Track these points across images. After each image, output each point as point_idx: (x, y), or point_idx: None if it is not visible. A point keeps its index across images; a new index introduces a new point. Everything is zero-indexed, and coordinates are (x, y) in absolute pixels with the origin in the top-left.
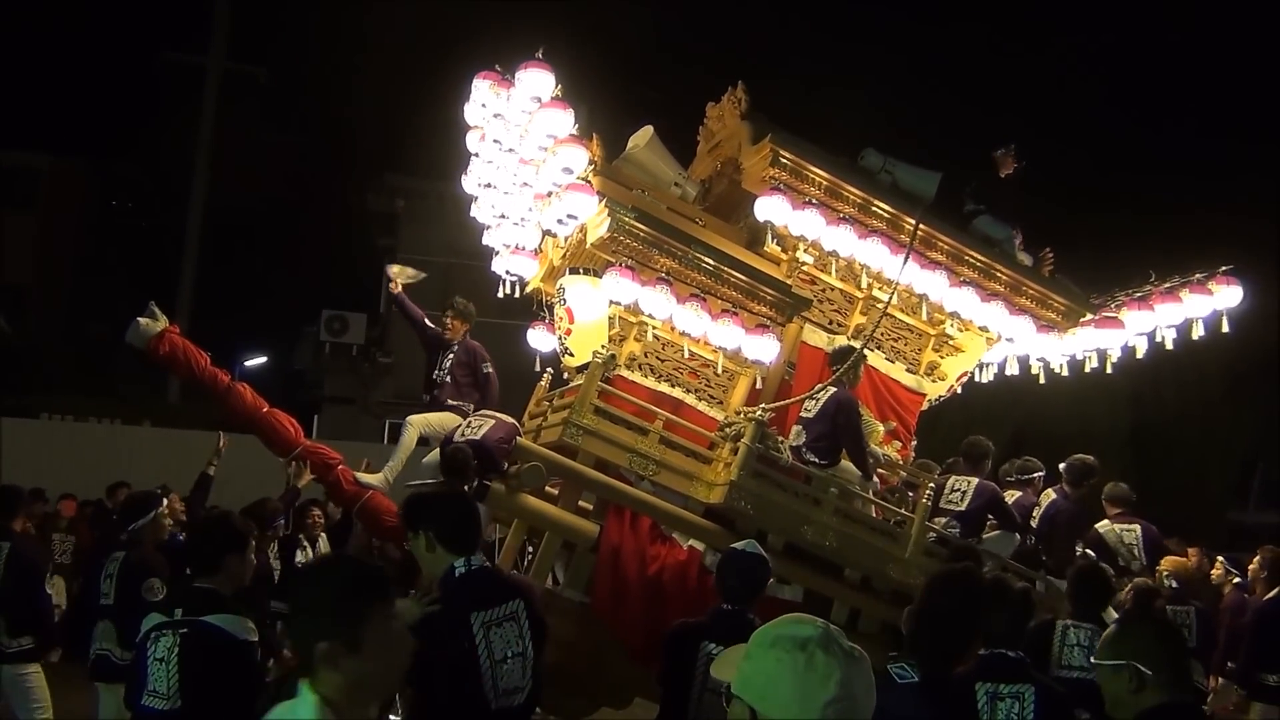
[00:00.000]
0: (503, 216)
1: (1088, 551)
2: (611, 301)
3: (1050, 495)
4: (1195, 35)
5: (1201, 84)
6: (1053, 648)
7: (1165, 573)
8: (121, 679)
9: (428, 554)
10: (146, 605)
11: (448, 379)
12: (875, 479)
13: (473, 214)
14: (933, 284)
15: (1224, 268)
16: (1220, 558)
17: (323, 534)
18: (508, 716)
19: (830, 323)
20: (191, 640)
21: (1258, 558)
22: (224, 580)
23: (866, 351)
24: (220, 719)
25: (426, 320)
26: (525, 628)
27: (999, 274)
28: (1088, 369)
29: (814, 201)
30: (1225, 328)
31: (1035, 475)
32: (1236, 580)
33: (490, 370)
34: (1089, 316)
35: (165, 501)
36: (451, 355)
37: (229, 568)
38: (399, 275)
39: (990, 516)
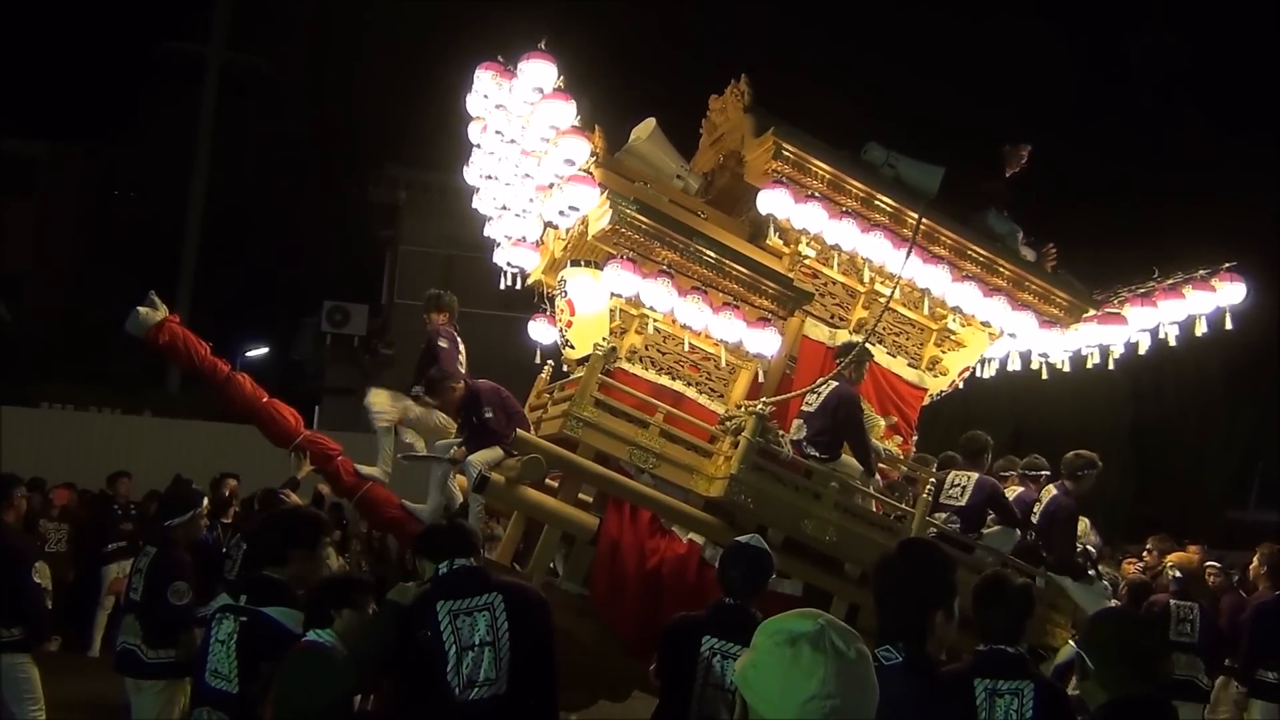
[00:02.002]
0: (504, 208)
1: (1088, 549)
2: (613, 294)
3: (1051, 491)
4: (1195, 25)
5: (1200, 75)
6: None
7: (1169, 564)
8: (149, 675)
9: (424, 568)
10: (172, 608)
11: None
12: (877, 474)
13: (474, 205)
14: (935, 279)
15: (1227, 264)
16: (1211, 563)
17: None
18: (475, 710)
19: (832, 317)
20: (249, 629)
21: (1257, 555)
22: (291, 573)
23: (869, 346)
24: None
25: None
26: (501, 622)
27: (1002, 269)
28: (1090, 365)
29: (816, 195)
30: (1228, 325)
31: (1040, 473)
32: (1236, 579)
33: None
34: (1092, 312)
35: (205, 502)
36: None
37: (295, 561)
38: None
39: (990, 512)
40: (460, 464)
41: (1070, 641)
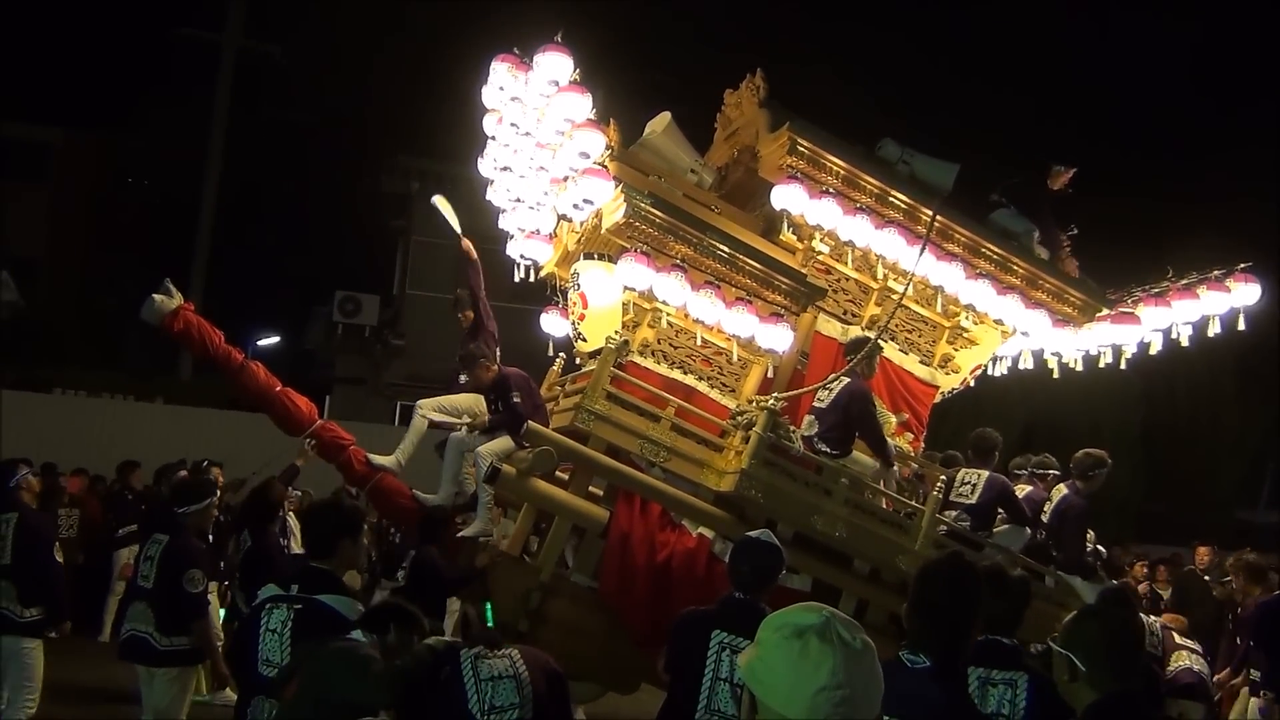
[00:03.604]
0: (518, 200)
1: (1098, 548)
2: (626, 287)
3: (1061, 490)
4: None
5: (1210, 60)
6: None
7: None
8: (162, 663)
9: None
10: (188, 596)
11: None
12: (896, 467)
13: (488, 197)
14: (949, 276)
15: (1242, 265)
16: (1221, 582)
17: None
18: None
19: (845, 313)
20: (304, 617)
21: (1233, 575)
22: (337, 563)
23: (881, 343)
24: None
25: (481, 300)
26: (520, 665)
27: (1015, 267)
28: (1102, 364)
29: (831, 191)
30: (1242, 325)
31: (1050, 472)
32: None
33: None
34: (1105, 312)
35: (218, 491)
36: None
37: (342, 551)
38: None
39: (1000, 510)
40: (477, 432)
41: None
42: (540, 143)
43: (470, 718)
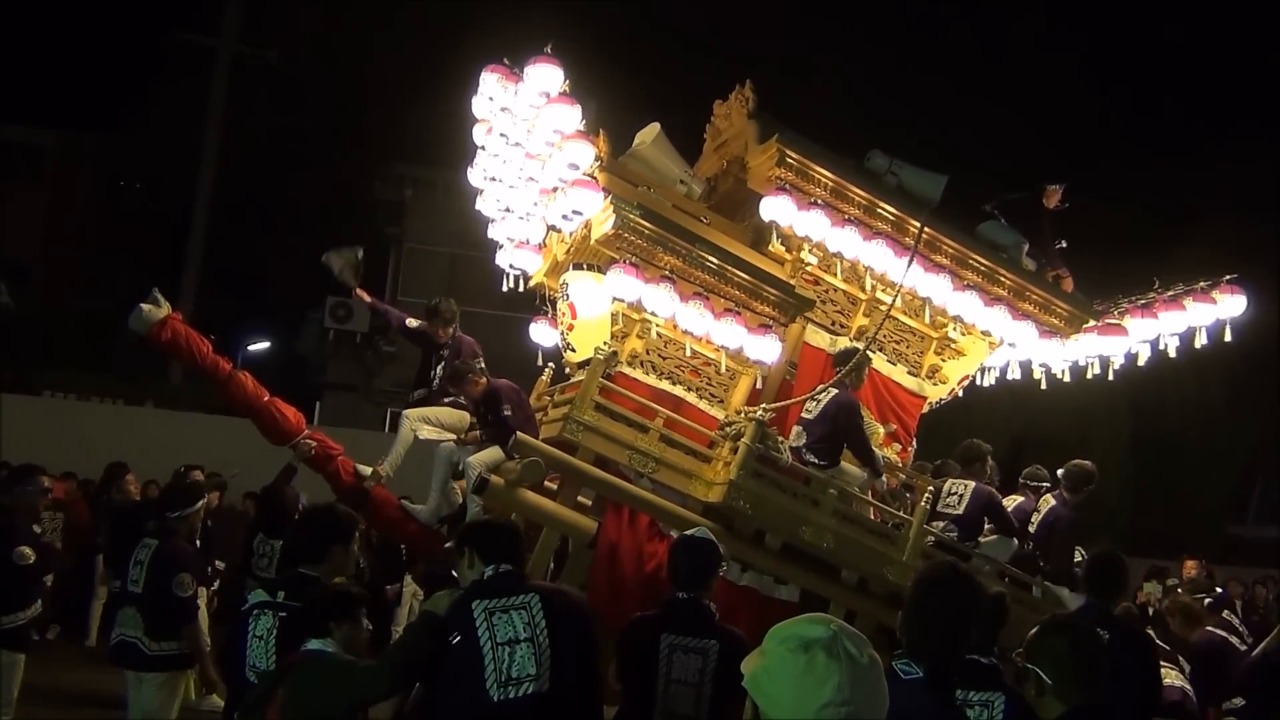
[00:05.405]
0: (508, 210)
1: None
2: (615, 298)
3: (1049, 502)
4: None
5: (1201, 76)
6: None
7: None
8: (151, 668)
9: (468, 570)
10: (178, 600)
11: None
12: (884, 476)
13: (478, 207)
14: (936, 287)
15: (1228, 276)
16: None
17: None
18: (513, 708)
19: (833, 324)
20: (288, 625)
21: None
22: (327, 570)
23: (869, 353)
24: None
25: (406, 321)
26: (539, 618)
27: (1003, 279)
28: (1090, 375)
29: (819, 202)
30: (1228, 337)
31: (1042, 484)
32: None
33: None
34: (1092, 323)
35: (207, 496)
36: (446, 353)
37: (333, 558)
38: (343, 266)
39: (987, 521)
40: (467, 446)
41: (1015, 656)
42: (530, 153)
43: (486, 698)
